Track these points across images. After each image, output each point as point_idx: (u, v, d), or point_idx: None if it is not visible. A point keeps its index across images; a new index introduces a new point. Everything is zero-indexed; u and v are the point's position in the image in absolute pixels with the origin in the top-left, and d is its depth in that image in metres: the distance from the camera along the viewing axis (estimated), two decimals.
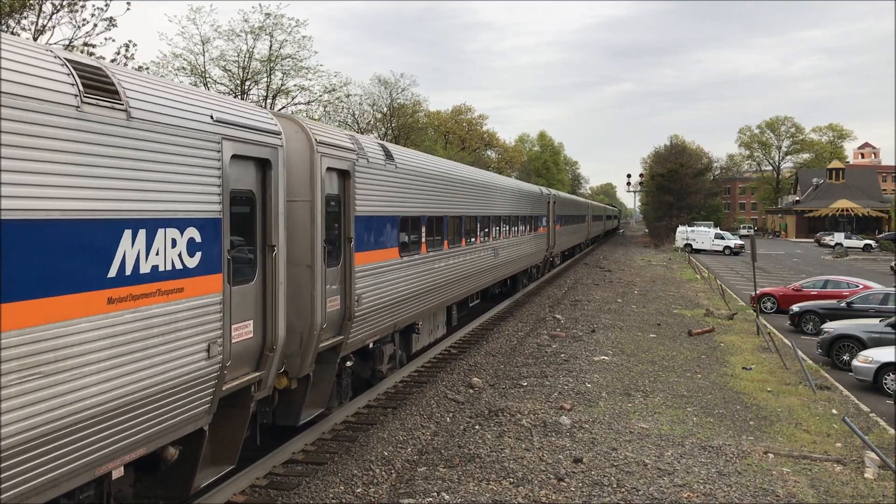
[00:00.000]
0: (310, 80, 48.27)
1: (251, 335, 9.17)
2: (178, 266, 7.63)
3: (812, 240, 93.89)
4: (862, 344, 19.62)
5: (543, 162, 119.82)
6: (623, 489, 10.40)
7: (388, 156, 14.16)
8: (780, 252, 71.16)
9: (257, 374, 9.37)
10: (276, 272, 9.55)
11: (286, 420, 11.29)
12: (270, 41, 45.77)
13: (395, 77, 68.45)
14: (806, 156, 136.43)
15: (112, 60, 25.10)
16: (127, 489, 8.00)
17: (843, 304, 24.97)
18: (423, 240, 16.24)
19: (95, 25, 25.40)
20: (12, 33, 23.32)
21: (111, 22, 25.52)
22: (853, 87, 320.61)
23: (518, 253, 28.85)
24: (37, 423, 5.87)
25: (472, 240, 21.07)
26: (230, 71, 45.95)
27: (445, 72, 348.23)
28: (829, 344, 20.40)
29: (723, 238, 74.96)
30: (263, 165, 9.45)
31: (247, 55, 45.73)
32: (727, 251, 72.38)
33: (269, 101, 46.21)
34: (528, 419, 13.66)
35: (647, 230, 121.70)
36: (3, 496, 5.61)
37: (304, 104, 48.42)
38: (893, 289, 25.74)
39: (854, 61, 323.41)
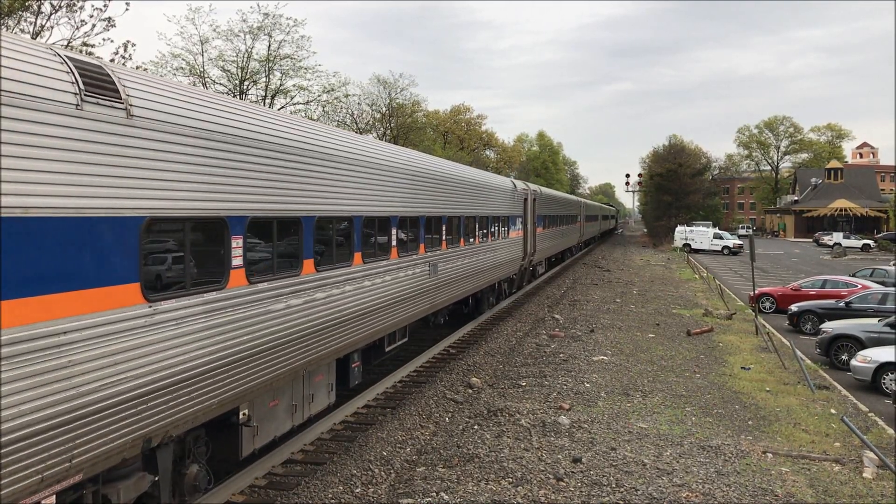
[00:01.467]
0: (308, 79, 48.40)
1: None
2: None
3: (811, 240, 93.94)
4: (860, 344, 19.64)
5: (542, 162, 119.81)
6: (622, 489, 10.41)
7: (99, 86, 6.96)
8: (778, 252, 71.27)
9: None
10: None
11: None
12: (269, 41, 45.91)
13: (394, 77, 68.48)
14: (804, 155, 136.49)
15: (110, 60, 25.11)
16: None
17: (841, 304, 25.00)
18: (238, 262, 8.96)
19: (94, 26, 25.45)
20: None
21: (109, 22, 25.56)
22: (851, 87, 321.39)
23: (477, 265, 21.78)
24: None
25: (382, 253, 14.01)
26: (229, 71, 46.07)
27: (444, 71, 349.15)
28: (828, 344, 20.41)
29: (721, 238, 74.97)
30: None
31: (245, 55, 45.83)
32: (726, 251, 72.41)
33: (267, 100, 46.24)
34: (527, 419, 13.66)
35: (645, 230, 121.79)
36: None
37: (303, 104, 48.52)
38: (892, 289, 25.75)
39: (852, 60, 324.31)
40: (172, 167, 7.80)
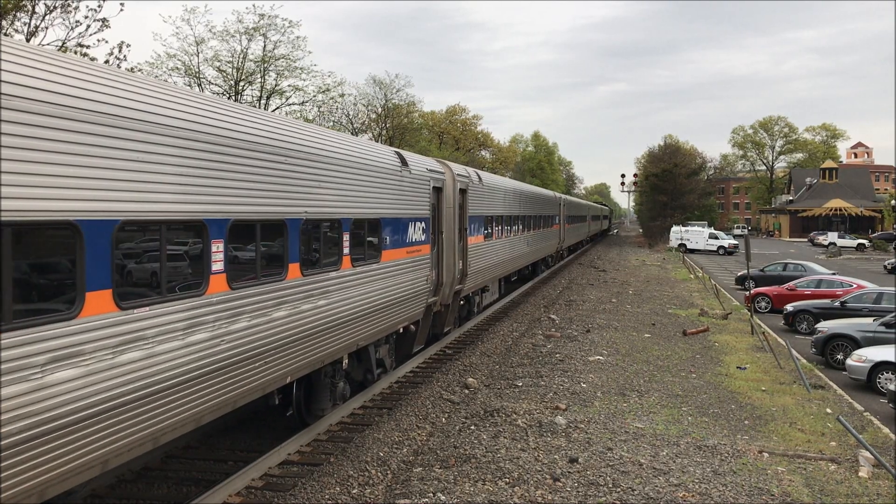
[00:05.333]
0: (304, 80, 48.31)
1: None
2: None
3: (806, 239, 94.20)
4: (856, 343, 19.70)
5: (538, 162, 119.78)
6: (619, 489, 10.41)
7: None
8: (773, 252, 71.39)
9: None
10: None
11: None
12: (264, 42, 45.81)
13: (390, 77, 68.39)
14: (799, 155, 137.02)
15: (105, 62, 25.04)
16: None
17: (836, 304, 25.07)
18: None
19: (88, 27, 25.30)
20: (5, 34, 23.27)
21: (104, 23, 25.42)
22: (845, 87, 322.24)
23: (314, 319, 11.10)
24: None
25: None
26: (224, 72, 45.96)
27: (439, 72, 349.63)
28: (824, 343, 20.47)
29: (717, 238, 75.23)
30: None
31: (241, 56, 45.74)
32: (721, 251, 72.62)
33: (262, 101, 46.19)
34: (524, 419, 13.66)
35: (641, 230, 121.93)
36: None
37: (299, 104, 48.47)
38: (890, 288, 25.84)
39: (845, 61, 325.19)
40: None
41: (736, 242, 72.84)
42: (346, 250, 12.26)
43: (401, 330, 16.03)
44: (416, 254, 16.19)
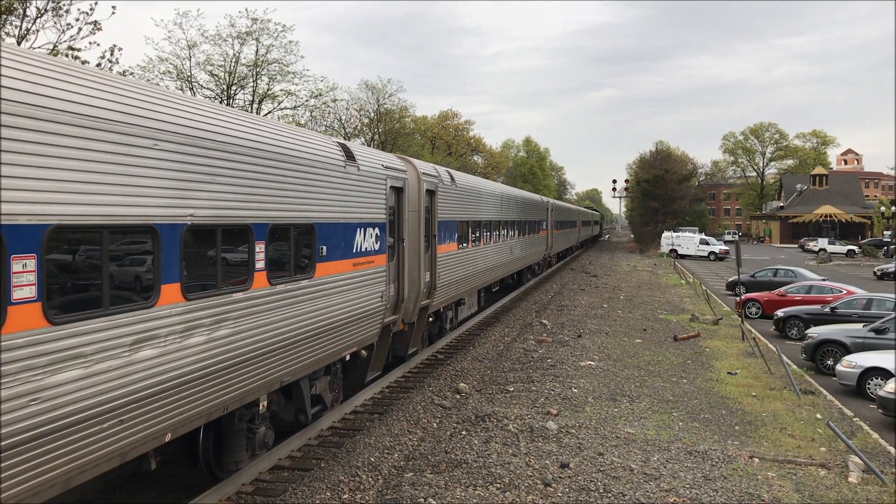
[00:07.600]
0: (296, 84, 48.35)
1: None
2: None
3: (796, 245, 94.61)
4: (846, 349, 19.78)
5: (529, 167, 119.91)
6: (610, 494, 10.42)
7: None
8: (764, 257, 71.64)
9: None
10: None
11: None
12: (257, 46, 45.78)
13: (383, 82, 68.46)
14: (790, 162, 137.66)
15: (97, 65, 24.96)
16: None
17: (826, 309, 25.17)
18: None
19: (80, 30, 25.25)
20: None
21: (96, 26, 25.37)
22: (834, 94, 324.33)
23: (207, 356, 8.65)
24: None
25: None
26: (216, 76, 45.89)
27: (431, 76, 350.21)
28: (814, 349, 20.55)
29: (707, 243, 75.52)
30: None
31: (233, 60, 45.68)
32: (712, 256, 72.88)
33: (255, 105, 46.15)
34: (515, 424, 13.66)
35: (632, 236, 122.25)
36: None
37: (291, 109, 48.44)
38: (879, 294, 25.97)
39: (834, 68, 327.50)
40: None
41: (726, 248, 73.13)
42: (259, 264, 9.72)
43: (347, 357, 13.49)
44: (367, 266, 13.62)
